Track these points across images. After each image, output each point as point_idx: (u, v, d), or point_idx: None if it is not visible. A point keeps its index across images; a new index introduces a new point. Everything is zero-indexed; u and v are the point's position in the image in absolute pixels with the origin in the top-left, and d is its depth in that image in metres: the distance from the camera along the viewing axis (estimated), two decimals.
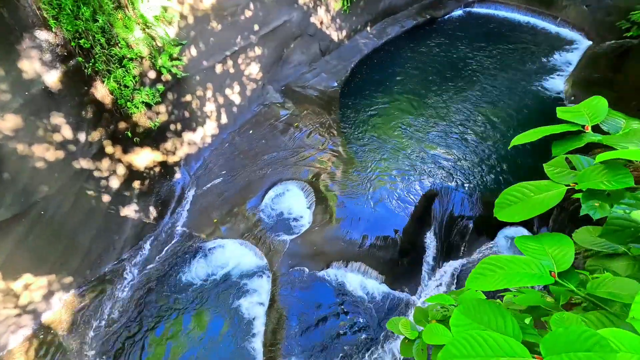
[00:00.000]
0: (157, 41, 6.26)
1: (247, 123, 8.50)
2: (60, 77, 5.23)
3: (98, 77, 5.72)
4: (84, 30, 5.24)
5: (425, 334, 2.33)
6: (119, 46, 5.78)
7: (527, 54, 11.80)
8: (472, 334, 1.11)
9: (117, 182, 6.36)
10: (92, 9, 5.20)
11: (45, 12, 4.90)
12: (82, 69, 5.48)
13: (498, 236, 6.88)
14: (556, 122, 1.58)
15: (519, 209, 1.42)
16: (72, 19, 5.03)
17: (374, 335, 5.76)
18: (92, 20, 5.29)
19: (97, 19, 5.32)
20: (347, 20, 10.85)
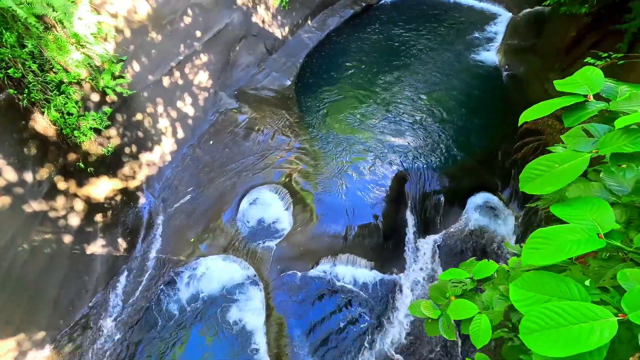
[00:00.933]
0: (95, 60, 5.76)
1: (205, 134, 8.15)
2: None
3: (36, 109, 5.14)
4: (11, 59, 4.66)
5: (451, 311, 2.44)
6: (53, 71, 5.23)
7: (459, 31, 12.55)
8: (547, 306, 1.18)
9: (77, 219, 5.82)
10: (17, 34, 4.63)
11: None
12: (16, 101, 4.89)
13: (467, 205, 7.33)
14: (498, 92, 1.69)
15: (545, 180, 1.51)
16: None
17: (374, 322, 5.91)
18: (19, 46, 4.72)
19: (25, 43, 4.75)
20: (288, 16, 10.75)
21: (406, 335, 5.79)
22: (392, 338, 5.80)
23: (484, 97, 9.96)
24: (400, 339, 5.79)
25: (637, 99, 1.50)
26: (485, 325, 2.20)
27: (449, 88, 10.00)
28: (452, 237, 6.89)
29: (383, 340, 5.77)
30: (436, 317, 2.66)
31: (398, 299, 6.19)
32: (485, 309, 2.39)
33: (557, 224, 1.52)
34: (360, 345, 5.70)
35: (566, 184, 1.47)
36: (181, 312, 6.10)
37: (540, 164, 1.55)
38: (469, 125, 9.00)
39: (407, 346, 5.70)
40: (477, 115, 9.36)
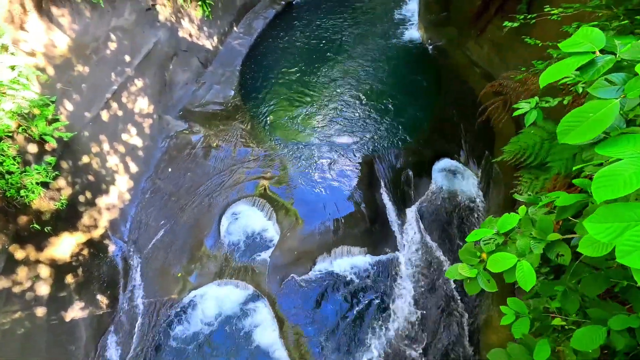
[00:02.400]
0: (24, 107, 5.08)
1: (160, 162, 7.64)
2: None
3: None
4: None
5: (491, 265, 2.66)
6: None
7: (377, 15, 13.21)
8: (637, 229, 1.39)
9: (47, 287, 5.15)
10: None
11: None
12: None
13: (433, 173, 7.86)
14: (428, 65, 1.92)
15: (583, 130, 1.73)
16: None
17: (384, 302, 6.14)
18: None
19: None
20: (213, 25, 10.40)
21: (415, 308, 6.10)
22: (402, 312, 6.07)
23: (417, 72, 10.66)
24: (410, 312, 6.09)
25: (639, 47, 1.78)
26: (528, 269, 2.45)
27: (384, 71, 10.53)
28: (429, 205, 7.36)
29: (395, 318, 6.02)
30: (474, 275, 2.88)
31: (398, 274, 6.48)
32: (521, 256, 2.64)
33: (511, 180, 1.71)
34: (377, 328, 5.89)
35: (604, 129, 1.69)
36: (186, 351, 5.75)
37: (575, 116, 1.76)
38: (412, 101, 9.59)
39: (417, 318, 6.02)
40: (417, 90, 10.02)
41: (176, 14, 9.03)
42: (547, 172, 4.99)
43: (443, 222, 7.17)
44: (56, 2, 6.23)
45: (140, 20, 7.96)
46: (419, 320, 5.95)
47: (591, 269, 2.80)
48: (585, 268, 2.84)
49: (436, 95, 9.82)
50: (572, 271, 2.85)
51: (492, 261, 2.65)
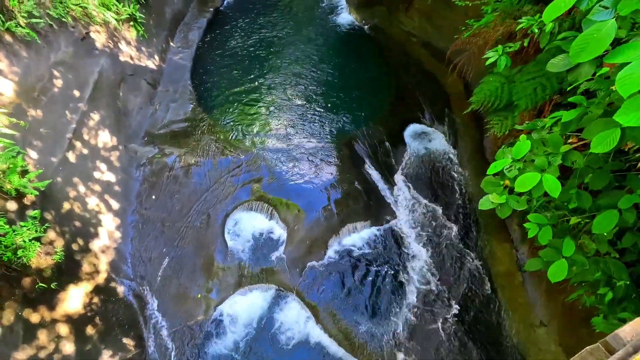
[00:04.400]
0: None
1: (141, 192, 7.31)
2: None
3: None
4: None
5: (519, 186, 3.16)
6: None
7: (305, 6, 13.52)
8: None
9: (71, 345, 4.83)
10: None
11: None
12: None
13: (406, 140, 8.45)
14: (370, 43, 2.34)
15: (591, 49, 2.20)
16: None
17: (399, 264, 6.59)
18: None
19: None
20: (150, 44, 9.97)
21: (426, 258, 6.64)
22: (419, 268, 6.58)
23: (362, 52, 11.20)
24: (424, 265, 6.61)
25: None
26: (552, 180, 2.97)
27: (330, 57, 10.92)
28: (410, 168, 7.94)
29: (414, 275, 6.51)
30: (504, 200, 3.37)
31: (403, 236, 6.96)
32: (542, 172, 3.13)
33: (473, 130, 2.07)
34: (399, 289, 6.34)
35: (607, 45, 2.15)
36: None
37: (582, 40, 2.21)
38: (365, 79, 10.12)
39: (431, 269, 6.57)
40: (366, 68, 10.56)
41: (112, 38, 8.54)
42: (513, 111, 5.72)
43: (426, 179, 7.80)
44: None
45: (78, 51, 7.45)
46: (434, 270, 6.50)
47: (594, 169, 3.42)
48: (589, 170, 3.45)
49: (385, 69, 10.44)
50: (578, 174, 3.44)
51: (519, 183, 3.13)
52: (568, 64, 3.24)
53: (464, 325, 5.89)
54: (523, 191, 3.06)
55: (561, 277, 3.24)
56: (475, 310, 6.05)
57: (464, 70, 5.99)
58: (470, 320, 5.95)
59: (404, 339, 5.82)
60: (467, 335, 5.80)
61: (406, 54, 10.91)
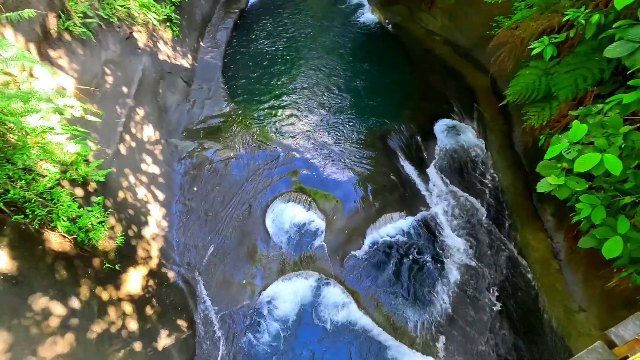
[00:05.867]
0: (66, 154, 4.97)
1: (183, 185, 7.63)
2: (9, 253, 3.78)
3: (43, 228, 4.31)
4: (6, 181, 3.82)
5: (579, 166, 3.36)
6: (37, 180, 4.41)
7: (328, 6, 13.83)
8: None
9: (134, 322, 5.12)
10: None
11: None
12: (22, 228, 4.04)
13: (436, 135, 8.66)
14: (394, 42, 2.54)
15: None
16: None
17: (437, 252, 6.79)
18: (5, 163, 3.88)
19: (10, 160, 3.91)
20: (183, 44, 10.35)
21: (464, 247, 6.83)
22: (455, 255, 6.77)
23: (386, 50, 11.44)
24: (462, 252, 6.80)
25: None
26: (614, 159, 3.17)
27: (356, 56, 11.19)
28: (442, 161, 8.14)
29: (452, 263, 6.70)
30: (563, 182, 3.58)
31: (439, 225, 7.16)
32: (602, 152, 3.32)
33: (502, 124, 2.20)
34: (439, 277, 6.53)
35: None
36: (276, 349, 5.97)
37: None
38: (391, 76, 10.36)
39: (470, 256, 6.75)
40: (392, 66, 10.79)
41: (151, 38, 8.92)
42: (551, 102, 5.90)
43: (458, 171, 7.99)
44: (51, 45, 6.04)
45: (125, 50, 7.82)
46: (470, 258, 6.68)
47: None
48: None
49: (410, 66, 10.66)
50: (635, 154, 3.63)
51: (579, 163, 3.34)
52: (626, 49, 3.45)
53: (504, 310, 6.06)
54: (583, 170, 3.26)
55: (617, 253, 3.44)
56: (514, 295, 6.22)
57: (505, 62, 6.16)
58: (510, 306, 6.12)
59: (445, 323, 6.01)
60: (507, 320, 5.97)
61: (429, 52, 11.12)
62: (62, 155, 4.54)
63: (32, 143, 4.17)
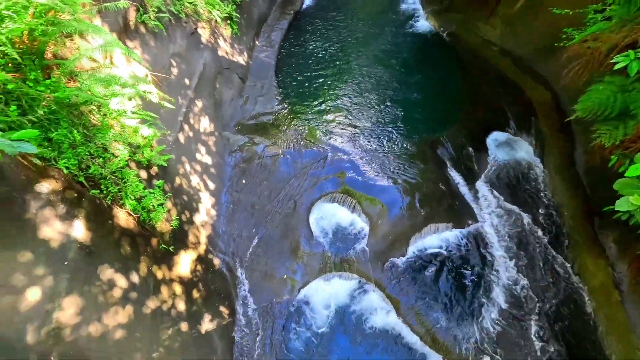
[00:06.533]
0: (140, 137, 5.30)
1: (233, 177, 7.88)
2: (86, 225, 4.08)
3: (114, 204, 4.61)
4: (88, 157, 4.14)
5: None
6: (111, 160, 4.72)
7: (382, 10, 13.80)
8: None
9: (183, 303, 5.34)
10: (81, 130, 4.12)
11: (37, 159, 3.70)
12: (97, 202, 4.35)
13: (489, 146, 8.35)
14: (448, 51, 2.34)
15: None
16: (71, 151, 3.92)
17: (484, 266, 6.53)
18: (86, 142, 4.20)
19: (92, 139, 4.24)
20: (241, 42, 10.72)
21: (513, 266, 6.52)
22: (504, 274, 6.47)
23: (440, 58, 11.22)
24: (510, 272, 6.50)
25: None
26: None
27: (408, 62, 11.06)
28: (494, 175, 7.83)
29: (499, 281, 6.42)
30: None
31: (487, 241, 6.89)
32: None
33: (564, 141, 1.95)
34: (483, 293, 6.27)
35: None
36: (311, 346, 5.99)
37: None
38: (444, 84, 10.13)
39: (518, 275, 6.43)
40: (446, 74, 10.56)
41: (213, 34, 9.33)
42: (626, 121, 5.51)
43: (511, 187, 7.65)
44: (129, 36, 6.47)
45: (190, 44, 8.23)
46: (520, 278, 6.36)
47: None
48: None
49: (464, 75, 10.38)
50: None
51: None
52: None
53: (556, 337, 5.71)
54: None
55: None
56: (567, 323, 5.85)
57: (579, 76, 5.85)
58: (562, 332, 5.76)
59: (489, 343, 5.76)
60: (558, 347, 5.62)
61: (485, 62, 10.78)
62: (137, 138, 4.83)
63: (110, 124, 4.48)
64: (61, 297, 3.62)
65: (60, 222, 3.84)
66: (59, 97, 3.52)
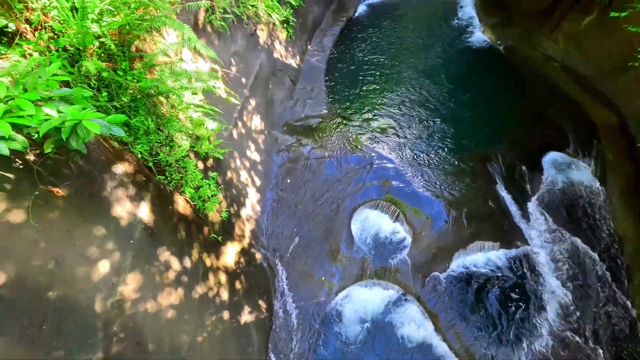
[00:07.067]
0: (203, 129, 5.58)
1: (278, 175, 8.06)
2: (150, 207, 4.34)
3: (175, 191, 4.88)
4: (158, 145, 4.43)
5: None
6: (175, 149, 5.01)
7: (435, 21, 13.60)
8: None
9: (226, 293, 5.52)
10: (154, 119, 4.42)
11: (116, 142, 4.02)
12: (161, 187, 4.62)
13: (544, 167, 7.96)
14: (505, 65, 2.09)
15: None
16: (145, 137, 4.22)
17: (532, 291, 6.20)
18: (156, 131, 4.50)
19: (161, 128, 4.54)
20: (294, 45, 10.99)
21: (564, 295, 6.14)
22: (554, 301, 6.12)
23: (496, 72, 10.87)
24: (560, 303, 6.13)
25: None
26: None
27: (462, 75, 10.80)
28: (548, 197, 7.44)
29: (547, 307, 6.07)
30: None
31: (536, 265, 6.54)
32: None
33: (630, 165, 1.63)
34: (530, 320, 5.95)
35: None
36: (344, 351, 5.95)
37: None
38: (500, 99, 9.79)
39: (570, 305, 6.05)
40: (501, 89, 10.21)
41: (270, 37, 9.64)
42: None
43: (566, 211, 7.23)
44: (197, 34, 6.83)
45: (249, 45, 8.57)
46: (573, 308, 5.98)
47: None
48: None
49: (520, 91, 10.00)
50: None
51: None
52: None
53: None
54: None
55: None
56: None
57: None
58: None
59: None
60: None
61: (545, 78, 10.32)
62: (201, 130, 5.09)
63: (178, 116, 4.75)
64: (126, 272, 3.87)
65: (129, 203, 4.12)
66: (142, 86, 3.81)
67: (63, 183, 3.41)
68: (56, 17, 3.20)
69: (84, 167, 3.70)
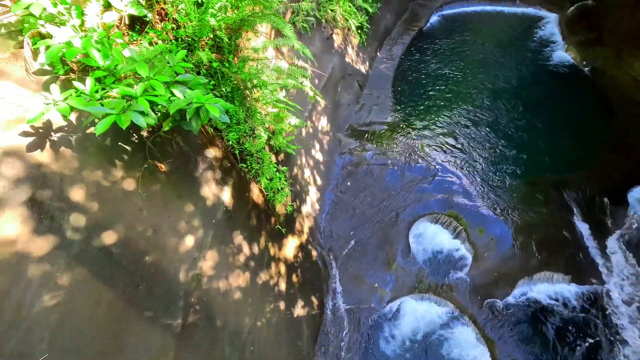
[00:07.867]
0: (284, 124, 5.82)
1: (339, 177, 8.15)
2: (231, 192, 4.61)
3: (252, 180, 5.14)
4: (244, 135, 4.71)
5: None
6: (256, 140, 5.27)
7: (514, 36, 12.98)
8: None
9: (284, 284, 5.68)
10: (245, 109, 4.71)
11: (211, 128, 4.33)
12: (242, 174, 4.89)
13: (630, 201, 7.28)
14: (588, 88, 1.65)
15: None
16: (237, 127, 4.51)
17: (603, 336, 5.69)
18: (244, 122, 4.78)
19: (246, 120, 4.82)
20: (365, 51, 11.08)
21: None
22: (629, 352, 5.56)
23: (578, 95, 10.15)
24: (636, 350, 5.56)
25: None
26: None
27: (539, 95, 10.21)
28: (633, 235, 6.79)
29: (620, 355, 5.54)
30: None
31: (612, 308, 5.99)
32: None
33: None
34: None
35: None
36: None
37: None
38: (581, 124, 9.13)
39: None
40: (583, 113, 9.51)
41: (344, 41, 9.82)
42: None
43: None
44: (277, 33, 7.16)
45: (324, 47, 8.79)
46: None
47: None
48: None
49: (607, 117, 9.24)
50: None
51: None
52: None
53: None
54: None
55: None
56: None
57: None
58: None
59: None
60: None
61: (637, 105, 9.44)
62: (283, 125, 5.32)
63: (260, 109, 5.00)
64: (206, 249, 4.14)
65: (215, 185, 4.41)
66: (243, 78, 4.07)
67: (166, 160, 3.74)
68: (182, 10, 3.53)
69: (183, 147, 4.03)
